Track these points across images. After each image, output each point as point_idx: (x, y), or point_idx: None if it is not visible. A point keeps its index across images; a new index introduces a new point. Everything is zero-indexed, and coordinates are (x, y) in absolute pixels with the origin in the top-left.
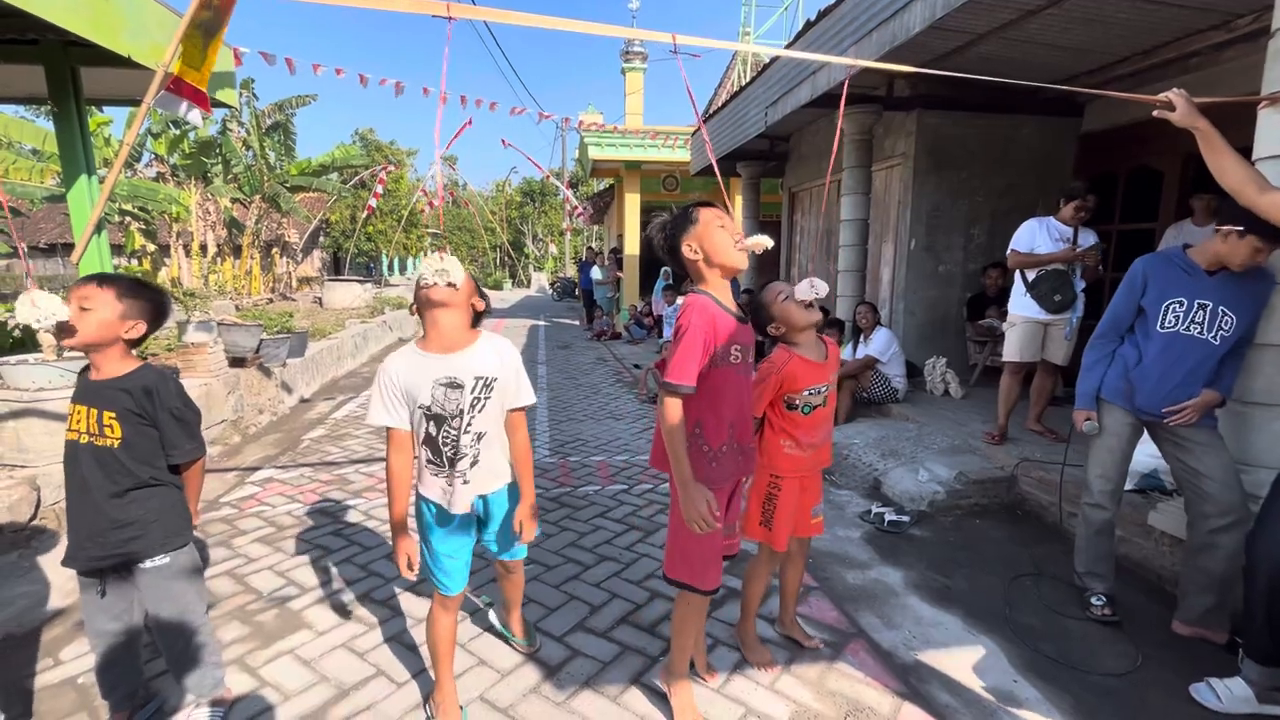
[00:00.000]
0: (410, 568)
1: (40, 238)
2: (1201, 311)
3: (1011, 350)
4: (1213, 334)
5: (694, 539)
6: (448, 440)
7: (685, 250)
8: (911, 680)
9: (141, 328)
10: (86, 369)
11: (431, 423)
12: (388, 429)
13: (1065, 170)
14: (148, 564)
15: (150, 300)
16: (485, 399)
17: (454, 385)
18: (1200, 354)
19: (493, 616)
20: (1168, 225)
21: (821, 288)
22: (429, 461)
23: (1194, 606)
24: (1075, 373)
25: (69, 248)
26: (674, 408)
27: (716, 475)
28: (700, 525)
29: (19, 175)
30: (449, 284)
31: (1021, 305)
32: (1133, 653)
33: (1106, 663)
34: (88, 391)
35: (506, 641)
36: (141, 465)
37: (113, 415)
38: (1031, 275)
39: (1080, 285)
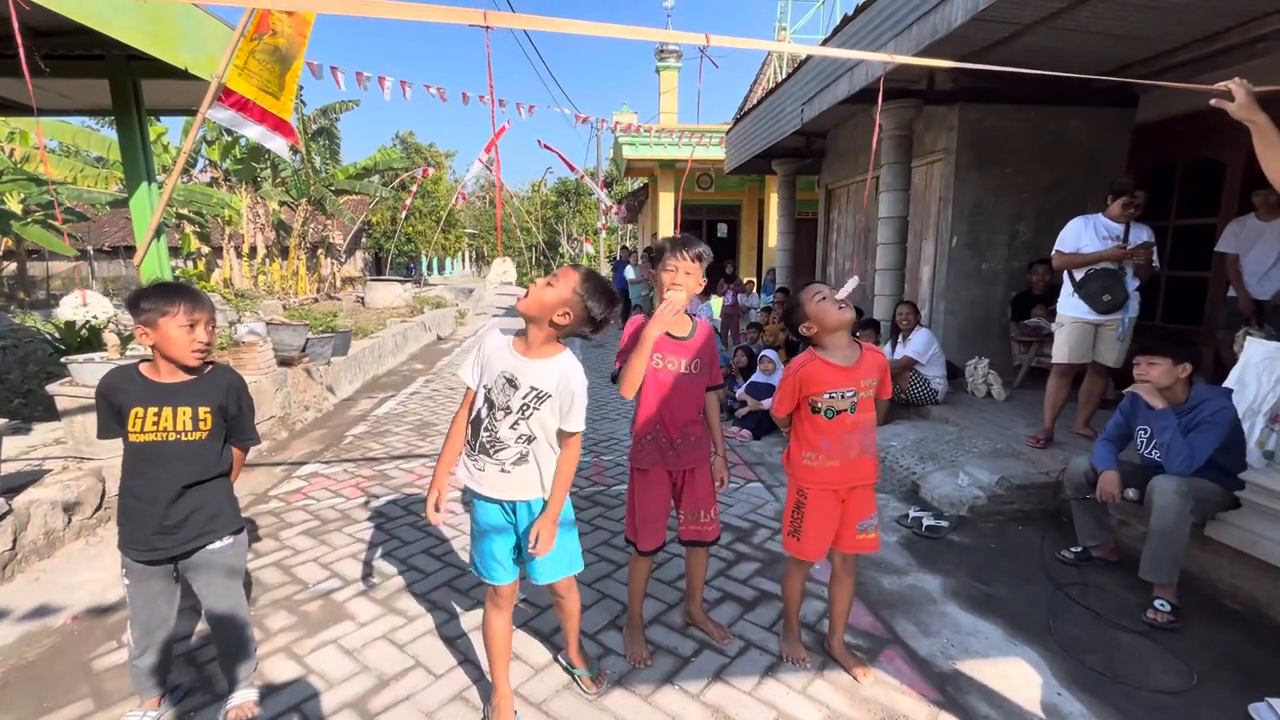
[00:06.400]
0: (436, 509)
1: (105, 240)
2: None
3: (1060, 351)
4: None
5: (638, 509)
6: (490, 427)
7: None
8: (949, 690)
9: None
10: (127, 372)
11: (485, 405)
12: (467, 387)
13: (1118, 163)
14: (217, 544)
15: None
16: (534, 408)
17: (511, 383)
18: None
19: (560, 657)
20: (1229, 221)
21: (851, 287)
22: (466, 441)
23: (1149, 573)
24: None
25: (131, 250)
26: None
27: (639, 456)
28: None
29: (86, 182)
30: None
31: (1070, 305)
32: (1186, 670)
33: (1157, 679)
34: (160, 393)
35: (570, 675)
36: (221, 453)
37: (208, 410)
38: (1080, 274)
39: (1133, 284)
